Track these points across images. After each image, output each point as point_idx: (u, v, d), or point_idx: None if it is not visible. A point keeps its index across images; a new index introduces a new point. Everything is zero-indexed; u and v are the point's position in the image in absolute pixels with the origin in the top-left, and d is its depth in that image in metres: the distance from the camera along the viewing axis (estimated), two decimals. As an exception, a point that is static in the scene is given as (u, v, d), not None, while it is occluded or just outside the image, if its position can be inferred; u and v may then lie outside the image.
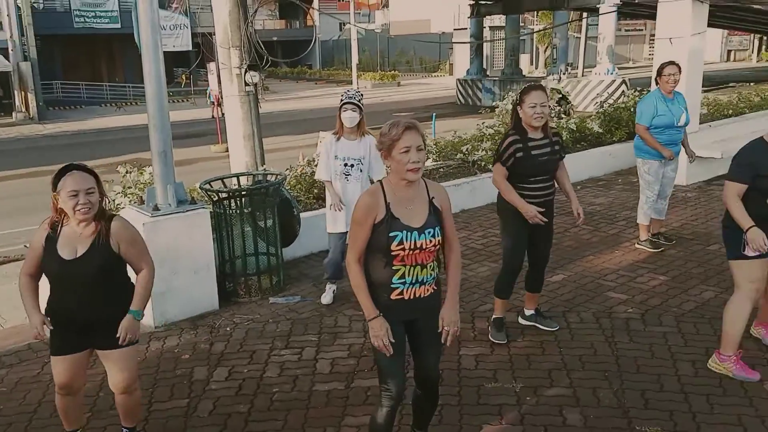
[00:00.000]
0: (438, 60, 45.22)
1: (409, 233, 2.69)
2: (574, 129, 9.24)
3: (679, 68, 5.76)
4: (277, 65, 43.48)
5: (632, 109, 9.14)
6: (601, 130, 9.43)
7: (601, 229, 6.74)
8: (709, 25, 9.15)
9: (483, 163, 8.03)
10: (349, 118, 4.80)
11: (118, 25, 32.51)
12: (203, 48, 10.46)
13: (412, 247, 2.70)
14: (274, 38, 44.40)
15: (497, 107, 10.63)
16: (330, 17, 38.53)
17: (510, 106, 9.45)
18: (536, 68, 37.29)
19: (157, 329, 4.76)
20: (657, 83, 5.92)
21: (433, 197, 2.79)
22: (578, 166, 8.85)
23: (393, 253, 2.71)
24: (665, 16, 8.14)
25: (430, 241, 2.72)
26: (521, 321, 4.57)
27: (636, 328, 4.46)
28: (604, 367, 3.94)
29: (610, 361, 4.02)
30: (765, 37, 43.68)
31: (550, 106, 4.63)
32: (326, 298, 5.13)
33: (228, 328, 4.76)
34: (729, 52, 47.13)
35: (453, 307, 2.83)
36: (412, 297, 2.78)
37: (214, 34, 6.89)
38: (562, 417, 3.45)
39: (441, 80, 38.46)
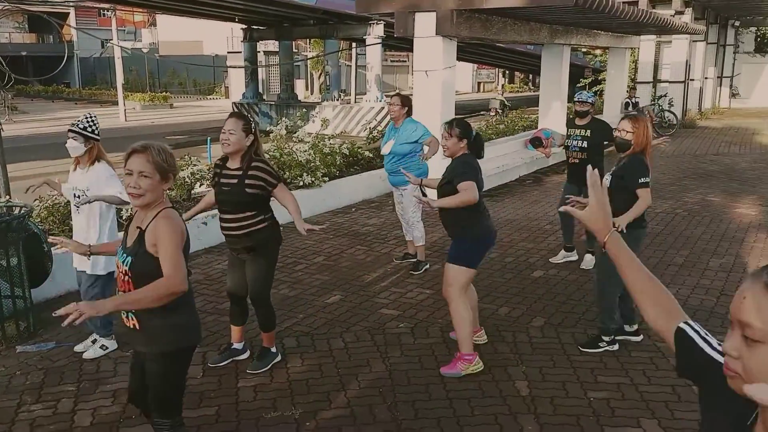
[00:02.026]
0: (213, 82, 44.19)
1: (121, 252, 2.70)
2: (347, 154, 9.60)
3: (401, 100, 6.12)
4: (28, 83, 39.02)
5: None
6: (371, 155, 9.91)
7: (375, 248, 7.05)
8: (460, 59, 10.17)
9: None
10: (71, 148, 4.29)
11: None
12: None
13: (119, 265, 2.70)
14: (24, 53, 40.04)
15: (272, 132, 10.65)
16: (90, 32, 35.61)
17: (284, 131, 9.54)
18: (312, 93, 38.16)
19: None
20: None
21: (146, 229, 2.62)
22: (352, 189, 9.22)
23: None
24: (420, 50, 8.81)
25: (120, 266, 2.67)
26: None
27: (407, 341, 4.70)
28: (380, 383, 4.08)
29: (384, 376, 4.18)
30: (507, 71, 49.86)
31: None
32: (90, 352, 4.51)
33: (-38, 388, 4.07)
34: (479, 83, 52.87)
35: (94, 303, 2.50)
36: (126, 324, 2.73)
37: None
38: (340, 438, 3.49)
39: (217, 103, 37.55)
